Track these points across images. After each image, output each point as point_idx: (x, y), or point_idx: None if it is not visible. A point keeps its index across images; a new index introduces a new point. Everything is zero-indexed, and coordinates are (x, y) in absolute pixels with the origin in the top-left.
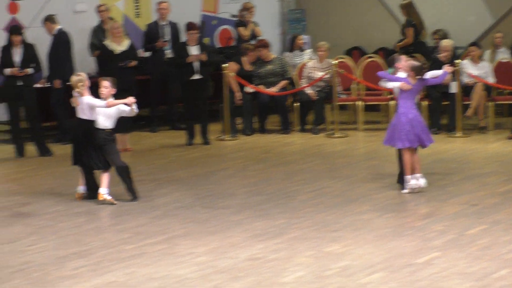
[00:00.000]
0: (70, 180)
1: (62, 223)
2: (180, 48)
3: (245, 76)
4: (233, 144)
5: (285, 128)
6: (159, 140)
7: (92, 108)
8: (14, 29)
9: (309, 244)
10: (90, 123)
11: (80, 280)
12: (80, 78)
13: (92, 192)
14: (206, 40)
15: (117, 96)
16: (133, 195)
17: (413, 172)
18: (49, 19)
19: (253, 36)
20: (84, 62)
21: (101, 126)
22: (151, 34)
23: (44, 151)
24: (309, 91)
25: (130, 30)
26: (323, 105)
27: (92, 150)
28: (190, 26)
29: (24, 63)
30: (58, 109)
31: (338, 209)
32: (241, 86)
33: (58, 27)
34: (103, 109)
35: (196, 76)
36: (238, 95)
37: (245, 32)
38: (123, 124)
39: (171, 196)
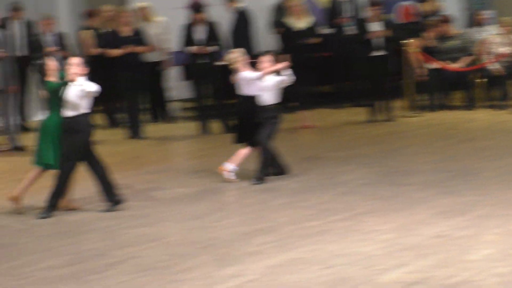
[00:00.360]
0: (253, 157)
1: (247, 199)
2: (361, 24)
3: (428, 52)
4: (417, 120)
5: (470, 104)
6: (342, 116)
7: (249, 82)
8: (197, 7)
9: (496, 221)
10: (251, 99)
11: (266, 256)
12: (235, 55)
13: (278, 168)
14: (387, 17)
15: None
16: (260, 177)
17: None
18: None
19: (435, 11)
20: (265, 40)
21: (265, 103)
22: (333, 11)
23: (228, 128)
24: (495, 66)
25: (310, 7)
26: (507, 81)
27: (253, 127)
28: (372, 3)
29: (208, 41)
30: None
31: None
32: (424, 62)
33: (239, 5)
34: (263, 84)
35: (379, 52)
36: (419, 71)
37: (426, 7)
38: (306, 100)
39: (355, 173)
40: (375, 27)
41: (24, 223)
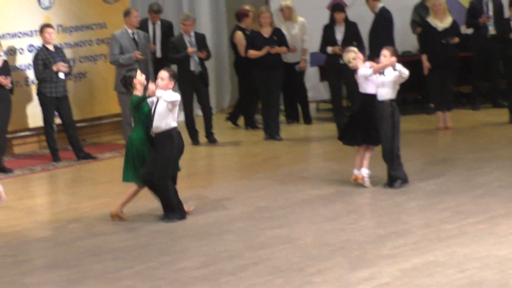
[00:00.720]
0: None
1: (382, 201)
2: (503, 24)
3: None
4: None
5: None
6: (481, 117)
7: (365, 78)
8: (337, 7)
9: None
10: (369, 96)
11: (400, 260)
12: (351, 54)
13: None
14: None
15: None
16: (396, 181)
17: None
18: None
19: None
20: (405, 40)
21: (382, 98)
22: (474, 10)
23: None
24: None
25: (451, 6)
26: None
27: (368, 125)
28: None
29: (346, 42)
30: None
31: None
32: None
33: (380, 5)
34: (380, 79)
35: None
36: None
37: None
38: (444, 101)
39: (493, 175)
40: None
41: (160, 224)
